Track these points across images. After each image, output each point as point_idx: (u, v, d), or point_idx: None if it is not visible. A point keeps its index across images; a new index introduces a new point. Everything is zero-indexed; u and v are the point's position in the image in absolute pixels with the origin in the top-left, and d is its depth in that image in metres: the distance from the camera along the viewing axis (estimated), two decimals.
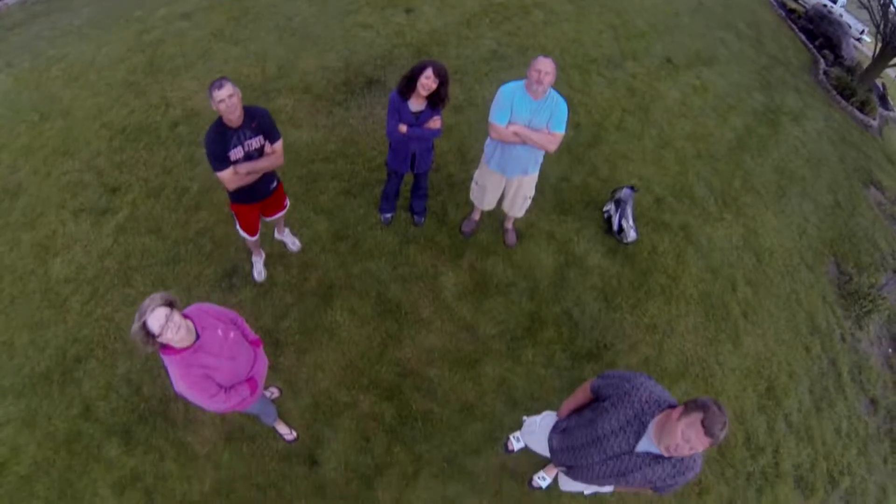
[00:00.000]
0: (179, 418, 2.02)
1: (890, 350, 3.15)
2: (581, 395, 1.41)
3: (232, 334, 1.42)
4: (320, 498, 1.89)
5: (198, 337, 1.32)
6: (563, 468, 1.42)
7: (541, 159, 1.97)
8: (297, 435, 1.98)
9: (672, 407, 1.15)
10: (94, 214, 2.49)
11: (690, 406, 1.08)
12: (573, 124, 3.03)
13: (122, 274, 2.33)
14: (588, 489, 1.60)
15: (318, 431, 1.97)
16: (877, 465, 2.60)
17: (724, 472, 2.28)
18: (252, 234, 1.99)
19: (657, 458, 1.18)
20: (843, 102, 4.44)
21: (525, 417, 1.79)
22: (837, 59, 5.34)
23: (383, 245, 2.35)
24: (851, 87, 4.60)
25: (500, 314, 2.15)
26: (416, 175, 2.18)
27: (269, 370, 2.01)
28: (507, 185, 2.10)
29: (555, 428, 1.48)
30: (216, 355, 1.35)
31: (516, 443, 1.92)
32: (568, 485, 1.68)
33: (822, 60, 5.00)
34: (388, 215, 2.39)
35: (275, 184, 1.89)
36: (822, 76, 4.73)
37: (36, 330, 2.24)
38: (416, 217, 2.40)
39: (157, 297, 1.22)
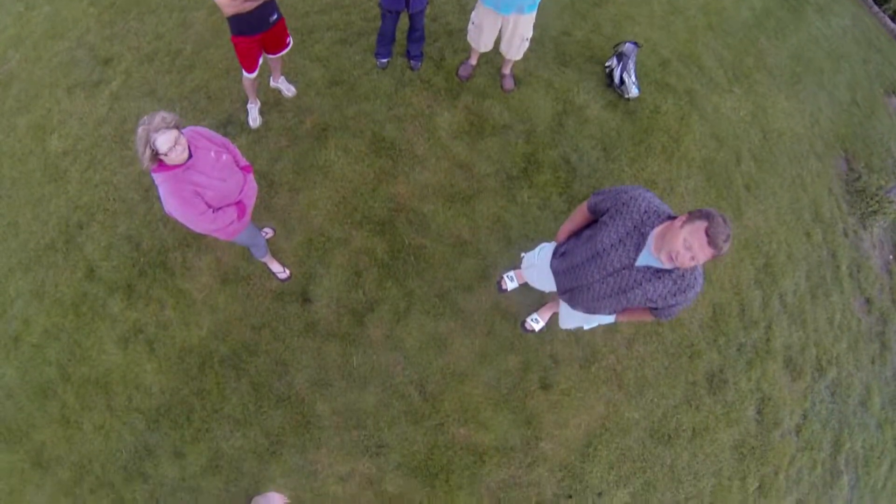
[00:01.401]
0: (178, 267, 2.51)
1: (891, 257, 3.89)
2: (578, 216, 1.67)
3: (224, 157, 1.77)
4: (312, 335, 2.33)
5: (190, 156, 1.64)
6: (565, 295, 1.72)
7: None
8: (291, 273, 2.41)
9: (672, 218, 1.37)
10: (88, 87, 2.93)
11: (694, 214, 1.27)
12: None
13: (119, 138, 2.79)
14: (588, 321, 1.92)
15: (311, 269, 2.40)
16: (865, 364, 3.19)
17: (716, 340, 2.88)
18: (251, 69, 2.33)
19: (658, 273, 1.42)
20: (875, 8, 5.19)
21: (523, 254, 2.10)
22: None
23: (379, 88, 2.73)
24: None
25: (496, 154, 2.53)
26: (412, 15, 2.46)
27: (263, 211, 2.45)
28: (503, 23, 2.40)
29: (554, 253, 1.77)
30: (207, 175, 1.70)
31: (510, 282, 2.29)
32: (568, 320, 2.00)
33: None
34: (384, 60, 2.75)
35: (275, 16, 2.22)
36: None
37: (38, 205, 2.74)
38: (412, 62, 2.75)
39: (169, 118, 1.53)
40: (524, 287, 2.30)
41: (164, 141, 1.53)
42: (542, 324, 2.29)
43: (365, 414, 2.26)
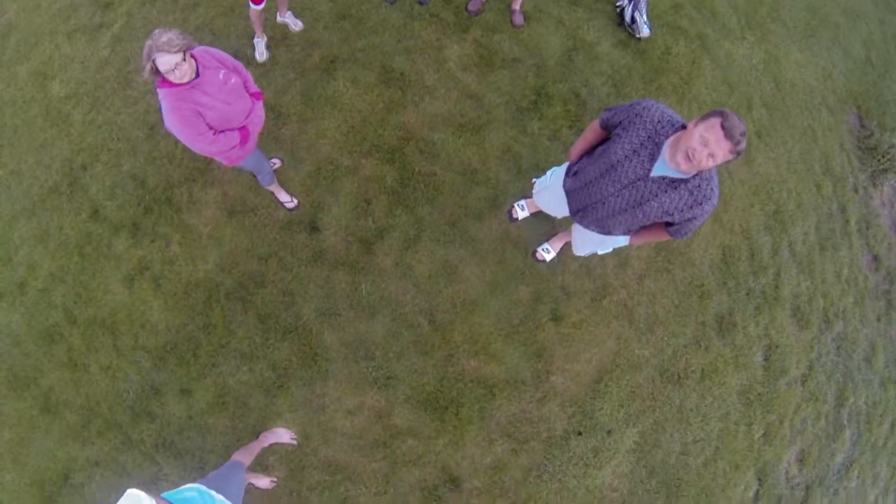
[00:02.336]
0: (183, 202, 2.72)
1: None
2: (590, 133, 1.85)
3: (233, 80, 1.94)
4: (320, 264, 2.56)
5: (197, 75, 1.79)
6: (578, 214, 1.90)
7: None
8: (298, 202, 2.63)
9: (685, 128, 1.50)
10: (89, 31, 3.11)
11: (707, 114, 1.40)
12: None
13: (122, 78, 2.99)
14: (602, 246, 2.12)
15: (319, 197, 2.63)
16: (870, 321, 3.59)
17: (726, 282, 3.22)
18: (257, 1, 2.51)
19: (674, 183, 1.55)
20: None
21: (534, 179, 2.32)
22: None
23: (387, 21, 2.96)
24: None
25: (506, 86, 2.77)
26: None
27: (271, 142, 2.68)
28: None
29: (567, 172, 1.96)
30: (211, 96, 1.85)
31: (521, 211, 2.53)
32: (581, 245, 2.22)
33: None
34: None
35: None
36: None
37: (41, 151, 2.95)
38: None
39: (176, 42, 1.68)
40: (535, 217, 2.56)
41: (164, 63, 1.69)
42: (552, 254, 2.54)
43: (373, 345, 2.49)
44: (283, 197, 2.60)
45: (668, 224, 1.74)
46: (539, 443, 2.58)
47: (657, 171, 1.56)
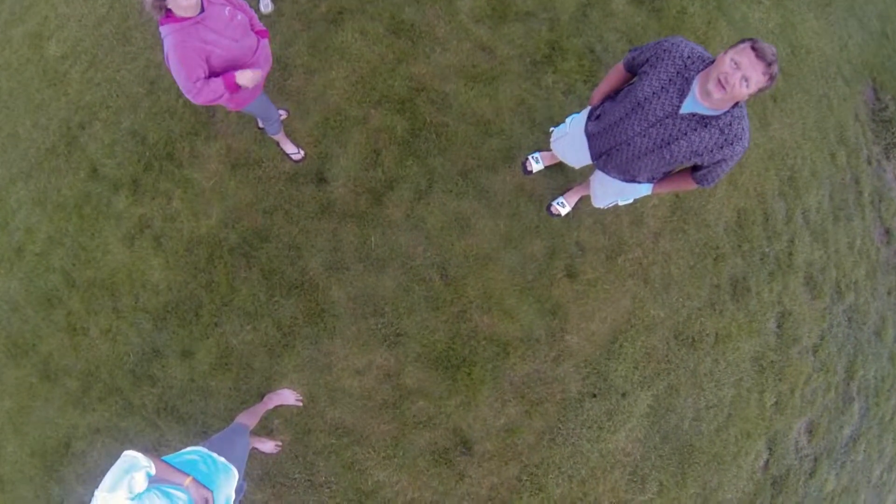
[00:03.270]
0: (185, 157, 2.82)
1: None
2: (613, 75, 1.92)
3: (239, 17, 2.03)
4: (328, 216, 2.69)
5: (202, 10, 1.86)
6: (600, 159, 1.98)
7: None
8: (305, 154, 2.75)
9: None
10: None
11: (735, 43, 1.47)
12: None
13: (121, 35, 3.09)
14: (623, 195, 2.22)
15: (326, 148, 2.75)
16: (881, 294, 3.94)
17: (741, 245, 3.42)
18: None
19: (703, 120, 1.61)
20: None
21: (552, 128, 2.47)
22: None
23: None
24: None
25: (519, 39, 2.93)
26: None
27: (277, 93, 2.83)
28: None
29: (589, 116, 2.03)
30: (218, 33, 1.94)
31: (535, 164, 2.70)
32: (601, 196, 2.32)
33: None
34: None
35: None
36: None
37: (38, 112, 3.07)
38: None
39: None
40: (550, 170, 2.72)
41: None
42: (568, 208, 2.70)
43: (383, 300, 2.61)
44: (290, 148, 2.71)
45: (695, 170, 1.83)
46: (553, 405, 2.73)
47: (686, 107, 1.62)
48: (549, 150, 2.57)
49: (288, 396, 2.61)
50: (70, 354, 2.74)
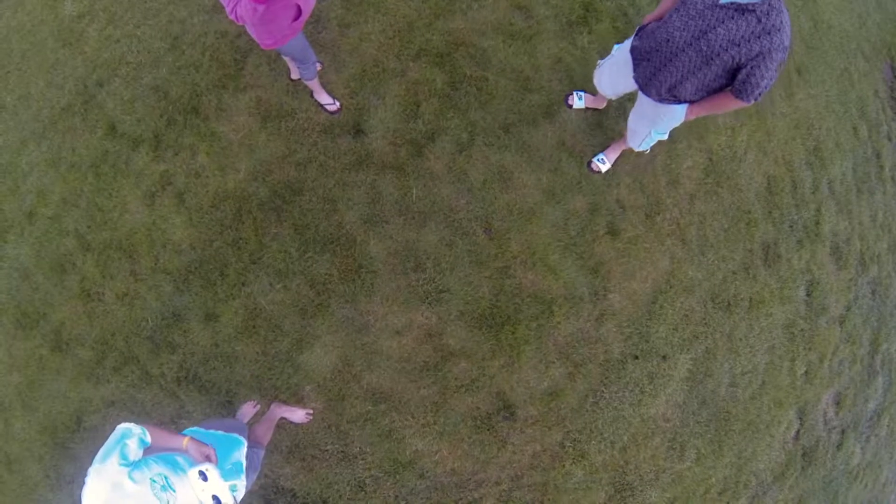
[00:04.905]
0: (211, 111, 3.06)
1: None
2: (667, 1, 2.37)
3: None
4: (366, 168, 3.00)
5: None
6: (639, 67, 2.34)
7: None
8: (341, 105, 3.02)
9: None
10: None
11: None
12: None
13: None
14: (658, 123, 2.58)
15: (363, 100, 3.05)
16: None
17: (771, 212, 3.93)
18: None
19: (741, 9, 1.93)
20: None
21: (599, 60, 2.90)
22: None
23: None
24: None
25: (554, 0, 3.42)
26: None
27: (310, 45, 3.03)
28: None
29: (634, 36, 2.46)
30: None
31: (577, 100, 3.18)
32: (636, 127, 2.70)
33: None
34: None
35: None
36: None
37: (52, 72, 3.27)
38: None
39: None
40: (591, 127, 3.14)
41: None
42: (608, 165, 3.19)
43: (424, 255, 2.91)
44: (325, 99, 3.02)
45: (734, 80, 2.14)
46: (596, 366, 3.08)
47: None
48: (594, 94, 3.08)
49: (297, 413, 2.82)
50: (83, 323, 2.90)
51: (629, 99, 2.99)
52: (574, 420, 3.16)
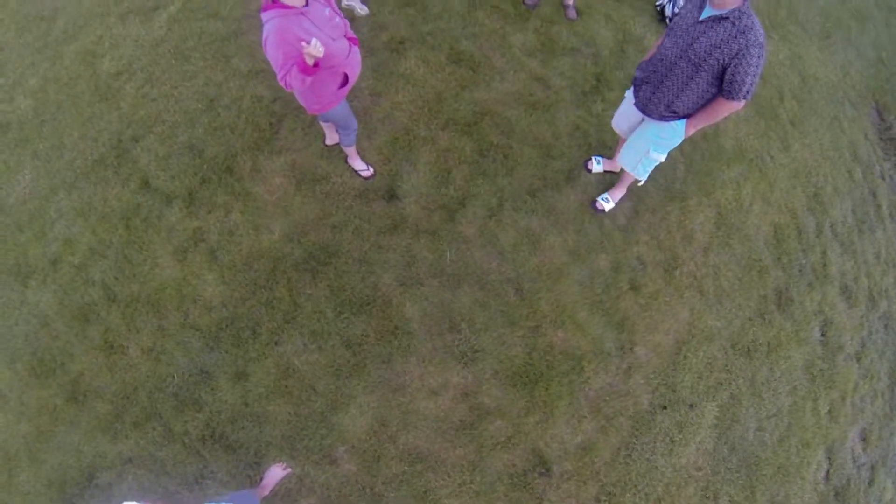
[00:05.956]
0: (246, 171, 3.24)
1: None
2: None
3: (337, 19, 2.56)
4: (401, 232, 3.19)
5: (307, 4, 2.36)
6: (641, 89, 2.71)
7: None
8: (375, 171, 3.25)
9: None
10: (143, 13, 3.75)
11: None
12: None
13: (180, 55, 3.60)
14: (658, 143, 2.85)
15: (396, 167, 3.29)
16: None
17: (780, 258, 4.11)
18: None
19: (717, 19, 2.34)
20: None
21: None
22: None
23: (451, 8, 3.91)
24: None
25: (568, 71, 3.75)
26: None
27: None
28: None
29: (637, 69, 2.82)
30: (318, 28, 2.41)
31: (596, 165, 3.47)
32: (635, 146, 2.94)
33: None
34: None
35: None
36: None
37: (87, 125, 3.43)
38: None
39: None
40: (609, 187, 3.35)
41: None
42: (612, 203, 3.47)
43: (459, 316, 3.05)
44: (359, 165, 3.24)
45: (723, 81, 2.45)
46: (626, 418, 3.18)
47: (705, 14, 2.40)
48: (611, 158, 3.33)
49: (275, 471, 2.71)
50: (104, 375, 2.88)
51: None
52: (608, 473, 3.22)
